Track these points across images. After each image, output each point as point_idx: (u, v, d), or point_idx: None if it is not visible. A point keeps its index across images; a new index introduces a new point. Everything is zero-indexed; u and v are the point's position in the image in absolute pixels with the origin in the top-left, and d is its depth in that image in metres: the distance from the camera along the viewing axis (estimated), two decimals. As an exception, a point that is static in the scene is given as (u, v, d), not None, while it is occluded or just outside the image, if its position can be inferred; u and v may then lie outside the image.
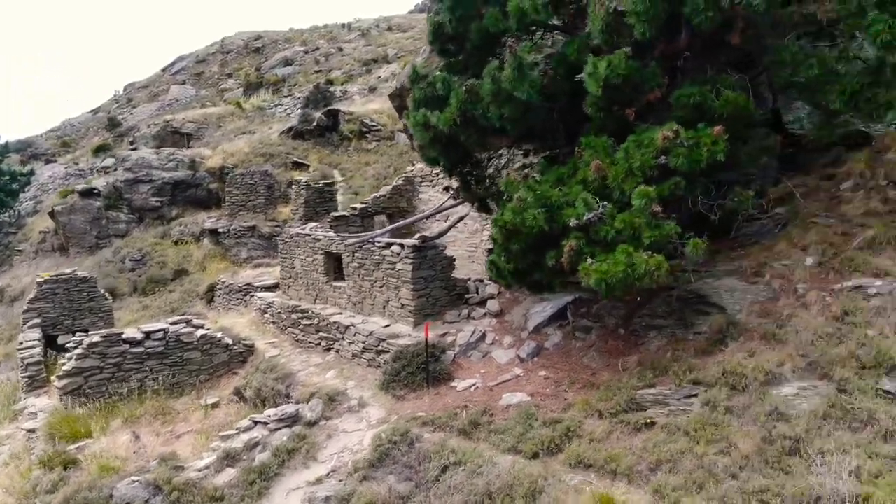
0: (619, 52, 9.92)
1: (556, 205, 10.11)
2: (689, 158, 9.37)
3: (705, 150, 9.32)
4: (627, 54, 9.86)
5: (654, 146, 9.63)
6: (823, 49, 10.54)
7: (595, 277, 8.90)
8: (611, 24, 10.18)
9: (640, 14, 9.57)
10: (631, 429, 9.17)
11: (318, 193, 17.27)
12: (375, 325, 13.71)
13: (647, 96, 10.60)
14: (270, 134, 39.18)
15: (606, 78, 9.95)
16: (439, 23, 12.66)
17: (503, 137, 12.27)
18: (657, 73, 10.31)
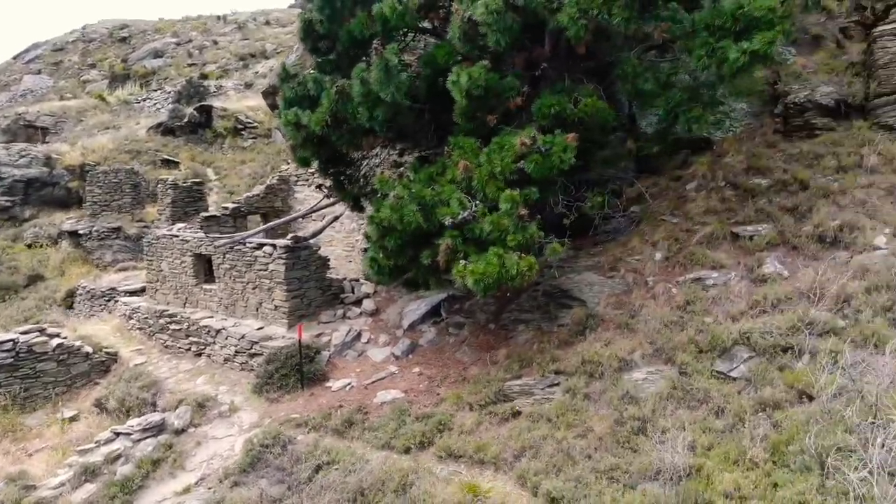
0: (479, 64, 10.26)
1: (430, 203, 10.33)
2: (541, 165, 9.88)
3: (556, 157, 9.86)
4: (487, 67, 10.21)
5: (513, 151, 10.07)
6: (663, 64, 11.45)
7: (472, 279, 9.18)
8: (468, 32, 10.52)
9: (490, 24, 9.96)
10: (499, 419, 9.57)
11: (187, 193, 16.59)
12: (248, 328, 13.41)
13: (508, 104, 11.06)
14: (138, 130, 37.07)
15: (468, 89, 10.29)
16: (309, 20, 12.58)
17: (376, 137, 12.35)
18: (515, 83, 10.76)
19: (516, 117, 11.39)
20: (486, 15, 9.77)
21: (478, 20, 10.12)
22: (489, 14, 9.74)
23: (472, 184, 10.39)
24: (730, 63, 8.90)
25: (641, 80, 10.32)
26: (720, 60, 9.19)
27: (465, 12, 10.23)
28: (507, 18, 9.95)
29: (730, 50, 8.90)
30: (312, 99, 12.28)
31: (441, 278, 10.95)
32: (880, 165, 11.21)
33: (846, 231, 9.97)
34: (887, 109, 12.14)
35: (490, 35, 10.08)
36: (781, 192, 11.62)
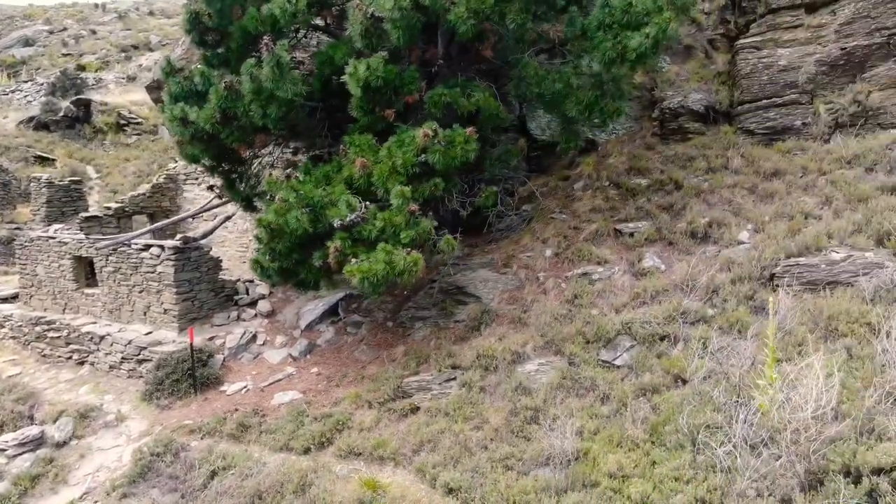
0: (377, 55, 10.36)
1: (320, 205, 10.29)
2: (445, 156, 10.10)
3: (459, 148, 10.11)
4: (385, 58, 10.32)
5: (414, 145, 10.22)
6: (557, 65, 11.99)
7: (359, 276, 9.24)
8: (369, 28, 10.58)
9: (396, 21, 10.09)
10: (398, 416, 9.71)
11: (64, 192, 15.58)
12: (135, 333, 12.84)
13: (406, 98, 11.20)
14: (5, 124, 34.39)
15: (366, 79, 10.33)
16: (196, 12, 12.16)
17: (268, 136, 12.17)
18: (415, 76, 10.92)
19: (413, 115, 11.56)
20: (394, 11, 9.84)
21: (382, 16, 10.19)
22: (397, 10, 9.82)
23: (372, 180, 10.46)
24: (632, 49, 9.48)
25: (549, 82, 10.76)
26: (623, 49, 9.77)
27: (369, 9, 10.25)
28: (412, 16, 10.09)
29: (631, 39, 9.49)
30: (200, 94, 11.91)
31: (333, 279, 10.98)
32: (743, 167, 12.23)
33: (715, 227, 10.83)
34: (749, 116, 13.25)
35: (392, 32, 10.17)
36: (659, 191, 12.43)
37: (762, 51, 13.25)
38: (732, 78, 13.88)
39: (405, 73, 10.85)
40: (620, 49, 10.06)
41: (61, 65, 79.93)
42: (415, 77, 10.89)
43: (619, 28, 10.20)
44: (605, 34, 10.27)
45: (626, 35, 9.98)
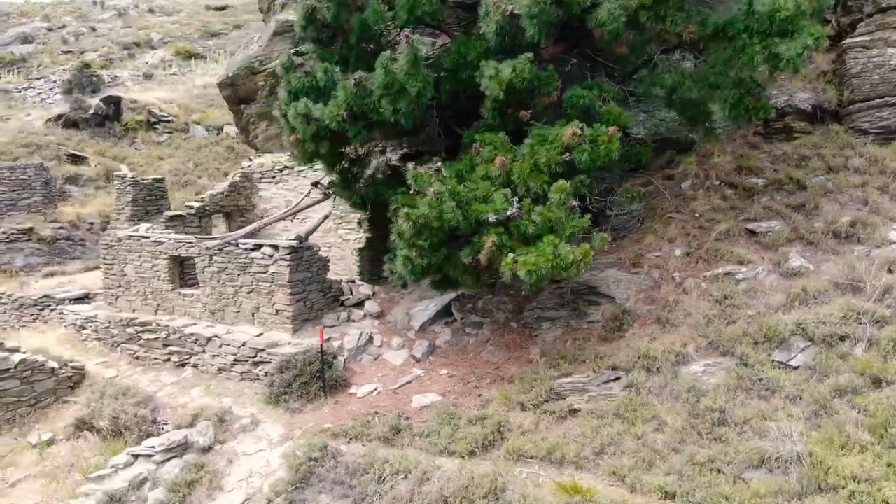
0: (523, 57, 10.20)
1: (465, 200, 10.13)
2: (592, 155, 9.98)
3: (603, 147, 9.99)
4: (531, 59, 10.18)
5: (559, 143, 10.08)
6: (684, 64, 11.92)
7: (524, 270, 9.07)
8: (504, 26, 10.44)
9: (534, 17, 9.94)
10: (556, 418, 9.57)
11: (148, 190, 15.25)
12: (246, 335, 12.56)
13: (543, 99, 11.09)
14: (31, 121, 33.74)
15: (510, 82, 10.20)
16: (313, 7, 11.89)
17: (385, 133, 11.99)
18: (554, 77, 10.78)
19: (542, 115, 11.42)
20: (532, 7, 9.70)
21: (519, 13, 10.05)
22: (535, 6, 9.68)
23: (512, 178, 10.33)
24: (783, 57, 9.41)
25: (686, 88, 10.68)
26: (770, 55, 9.71)
27: (507, 6, 10.11)
28: (551, 12, 9.95)
29: (779, 46, 9.43)
30: (321, 90, 11.67)
31: (479, 276, 10.78)
32: (866, 166, 12.21)
33: (859, 227, 10.77)
34: (860, 115, 13.24)
35: (529, 29, 10.03)
36: (779, 190, 12.38)
37: (872, 50, 13.25)
38: (839, 77, 13.86)
39: (545, 74, 10.71)
40: (767, 55, 10.00)
41: (62, 62, 79.04)
42: (553, 78, 10.75)
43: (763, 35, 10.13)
44: (751, 39, 10.19)
45: (773, 42, 9.92)
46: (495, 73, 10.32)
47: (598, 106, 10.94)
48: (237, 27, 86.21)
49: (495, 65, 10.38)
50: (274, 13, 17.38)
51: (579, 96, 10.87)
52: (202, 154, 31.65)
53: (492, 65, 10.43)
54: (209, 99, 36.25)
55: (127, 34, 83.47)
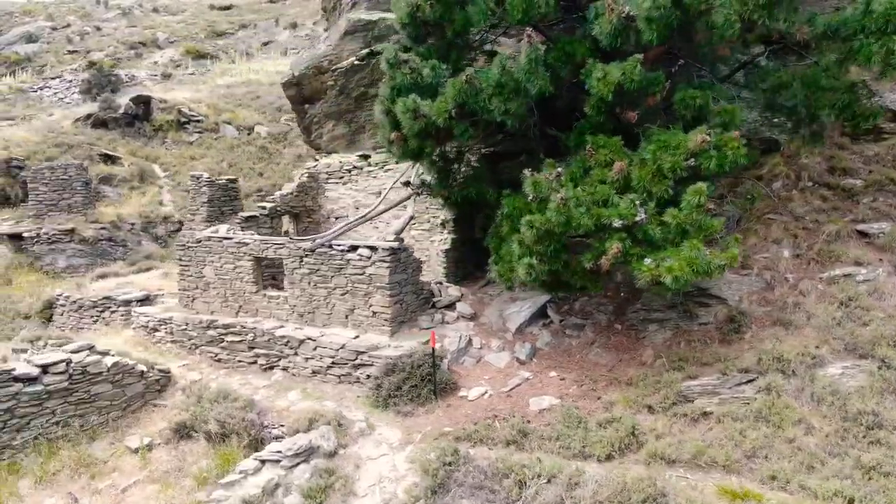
0: (632, 59, 10.09)
1: (586, 205, 10.03)
2: (719, 160, 9.89)
3: (731, 153, 9.91)
4: (640, 61, 10.07)
5: (683, 149, 9.99)
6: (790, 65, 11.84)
7: (671, 276, 8.97)
8: (618, 27, 10.31)
9: (653, 20, 9.83)
10: (688, 420, 9.48)
11: (223, 191, 15.05)
12: (342, 337, 12.40)
13: (648, 100, 11.01)
14: (60, 121, 33.38)
15: (619, 83, 10.11)
16: (416, 5, 11.75)
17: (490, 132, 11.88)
18: (661, 78, 10.68)
19: (649, 114, 11.33)
20: (652, 10, 9.59)
21: (635, 15, 9.94)
22: (655, 9, 9.57)
23: (631, 183, 10.25)
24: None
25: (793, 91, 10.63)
26: (887, 54, 9.65)
27: (623, 8, 9.99)
28: (671, 14, 9.85)
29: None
30: (427, 87, 11.53)
31: (598, 280, 10.67)
32: (969, 168, 12.17)
33: (979, 228, 10.73)
34: (953, 116, 13.20)
35: (645, 31, 9.93)
36: (881, 192, 12.33)
37: (964, 50, 13.19)
38: (929, 77, 13.79)
39: (653, 75, 10.59)
40: (885, 54, 9.93)
41: (68, 61, 78.63)
42: (660, 79, 10.64)
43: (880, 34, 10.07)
44: (867, 39, 10.13)
45: (892, 39, 9.85)
46: (603, 75, 10.23)
47: (711, 106, 10.87)
48: (243, 27, 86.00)
49: (603, 66, 10.30)
50: (341, 12, 17.22)
51: (693, 97, 10.77)
52: (235, 154, 31.43)
53: (599, 66, 10.35)
54: (236, 99, 36.08)
55: (132, 33, 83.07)
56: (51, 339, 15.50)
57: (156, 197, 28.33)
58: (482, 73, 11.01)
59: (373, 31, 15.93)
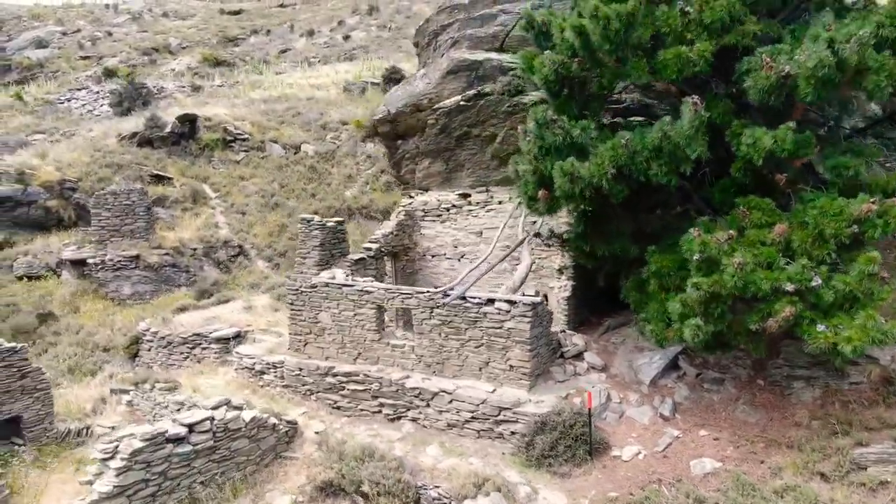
0: (784, 126, 10.15)
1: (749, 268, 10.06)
2: (884, 229, 9.97)
3: (893, 221, 9.98)
4: (791, 128, 10.12)
5: (846, 216, 10.06)
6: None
7: (850, 346, 9.05)
8: (773, 86, 10.33)
9: (815, 79, 9.85)
10: (867, 490, 9.54)
11: (332, 234, 14.98)
12: (480, 391, 12.39)
13: (797, 162, 11.10)
14: (102, 138, 33.12)
15: (770, 149, 10.17)
16: (563, 63, 11.73)
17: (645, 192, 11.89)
18: (811, 141, 10.69)
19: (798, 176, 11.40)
20: (818, 69, 9.61)
21: (795, 73, 9.95)
22: (822, 68, 9.60)
23: (792, 246, 10.32)
24: None
25: None
26: None
27: (784, 66, 10.00)
28: (833, 75, 9.88)
29: None
30: (575, 147, 11.55)
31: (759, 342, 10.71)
32: None
33: None
34: None
35: (805, 91, 9.95)
36: None
37: None
38: None
39: (800, 137, 10.59)
40: None
41: (81, 67, 78.16)
42: (810, 141, 10.65)
43: None
44: None
45: None
46: (753, 141, 10.31)
47: (864, 173, 10.96)
48: (254, 32, 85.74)
49: (752, 132, 10.38)
50: (437, 48, 17.17)
51: (846, 164, 10.83)
52: (284, 174, 31.31)
53: (749, 131, 10.42)
54: (278, 115, 35.93)
55: (144, 39, 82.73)
56: (157, 381, 15.39)
57: (210, 219, 28.18)
58: (636, 136, 11.05)
59: (477, 70, 15.90)
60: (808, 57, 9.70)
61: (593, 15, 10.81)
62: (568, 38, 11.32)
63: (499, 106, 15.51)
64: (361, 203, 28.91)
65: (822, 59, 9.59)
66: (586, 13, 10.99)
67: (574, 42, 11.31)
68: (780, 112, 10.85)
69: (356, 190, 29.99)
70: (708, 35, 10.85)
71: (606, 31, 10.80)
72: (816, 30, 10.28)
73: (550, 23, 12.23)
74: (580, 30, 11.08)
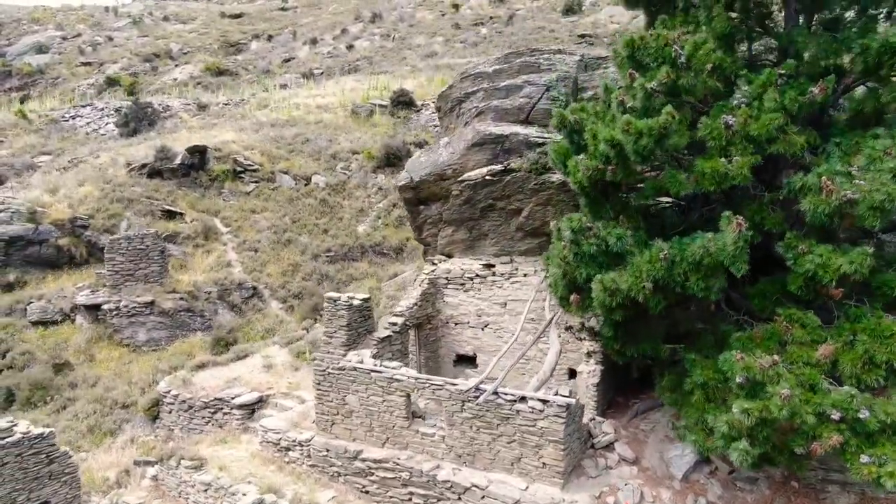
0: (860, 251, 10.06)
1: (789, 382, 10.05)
2: None
3: None
4: (868, 253, 10.05)
5: (895, 339, 10.05)
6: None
7: (892, 482, 9.10)
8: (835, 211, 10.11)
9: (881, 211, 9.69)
10: None
11: (359, 313, 14.96)
12: (511, 488, 12.39)
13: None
14: (109, 166, 32.98)
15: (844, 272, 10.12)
16: (596, 168, 11.69)
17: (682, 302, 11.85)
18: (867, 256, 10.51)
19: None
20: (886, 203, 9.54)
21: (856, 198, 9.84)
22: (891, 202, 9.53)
23: (839, 367, 10.30)
24: None
25: None
26: None
27: (844, 192, 9.89)
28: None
29: None
30: (612, 255, 11.52)
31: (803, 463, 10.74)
32: None
33: None
34: None
35: (869, 220, 9.83)
36: None
37: None
38: None
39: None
40: None
41: (81, 74, 77.72)
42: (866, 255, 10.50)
43: None
44: None
45: None
46: (823, 262, 10.22)
47: None
48: (256, 37, 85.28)
49: (821, 252, 10.29)
50: (462, 117, 17.08)
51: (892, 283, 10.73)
52: (295, 207, 31.22)
53: (818, 252, 10.32)
54: (287, 143, 35.80)
55: (145, 44, 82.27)
56: (183, 459, 15.35)
57: (222, 257, 28.12)
58: (674, 248, 11.00)
59: (503, 144, 15.82)
60: (874, 188, 9.57)
61: (625, 130, 10.76)
62: (602, 149, 11.26)
63: (525, 183, 15.45)
64: (374, 240, 28.85)
65: (890, 194, 9.49)
66: (618, 127, 10.92)
67: (608, 153, 11.26)
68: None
69: (368, 225, 29.93)
70: (754, 147, 10.76)
71: (637, 147, 10.76)
72: (872, 149, 10.21)
73: (583, 123, 12.17)
74: (613, 142, 11.04)
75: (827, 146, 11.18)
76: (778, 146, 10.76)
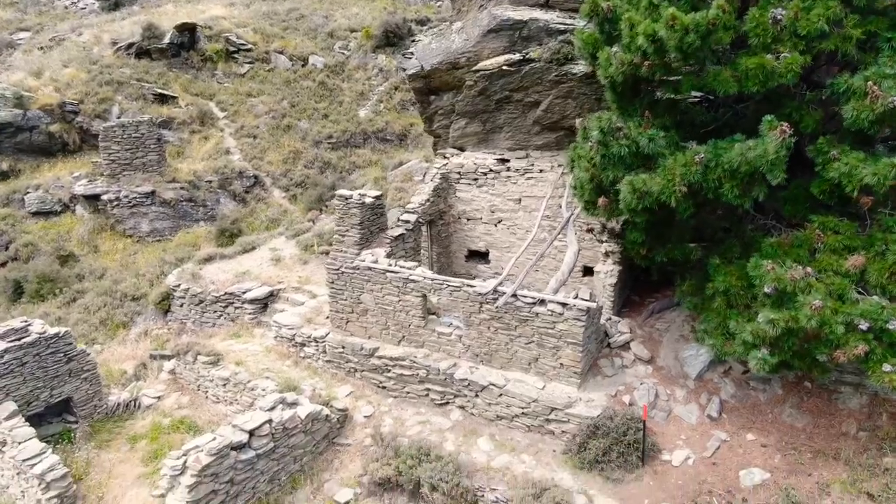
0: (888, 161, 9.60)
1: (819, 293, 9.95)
2: None
3: None
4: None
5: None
6: None
7: None
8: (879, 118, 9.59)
9: None
10: (914, 513, 10.03)
11: (371, 211, 14.55)
12: (530, 388, 12.61)
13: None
14: (94, 45, 31.26)
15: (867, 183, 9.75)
16: (631, 63, 10.91)
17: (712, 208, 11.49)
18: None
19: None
20: None
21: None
22: None
23: (868, 278, 10.16)
24: None
25: None
26: None
27: (891, 98, 9.35)
28: None
29: None
30: (643, 157, 11.03)
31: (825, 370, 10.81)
32: None
33: None
34: None
35: None
36: None
37: None
38: None
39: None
40: None
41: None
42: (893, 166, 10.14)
43: None
44: None
45: None
46: (848, 171, 9.83)
47: None
48: None
49: (848, 160, 9.87)
50: (481, 4, 15.85)
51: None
52: (293, 90, 29.95)
53: (846, 160, 9.90)
54: (280, 19, 33.81)
55: None
56: (199, 354, 15.50)
57: (220, 144, 27.28)
58: (710, 152, 10.48)
59: (521, 30, 14.78)
60: None
61: (669, 25, 9.91)
62: (640, 43, 10.43)
63: (545, 74, 14.59)
64: (376, 126, 27.93)
65: None
66: (663, 21, 10.04)
67: (647, 47, 10.44)
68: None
69: (369, 110, 28.86)
70: (804, 44, 9.98)
71: (682, 44, 9.96)
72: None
73: (617, 12, 11.24)
74: (654, 37, 10.20)
75: (877, 41, 10.40)
76: (830, 43, 10.00)
